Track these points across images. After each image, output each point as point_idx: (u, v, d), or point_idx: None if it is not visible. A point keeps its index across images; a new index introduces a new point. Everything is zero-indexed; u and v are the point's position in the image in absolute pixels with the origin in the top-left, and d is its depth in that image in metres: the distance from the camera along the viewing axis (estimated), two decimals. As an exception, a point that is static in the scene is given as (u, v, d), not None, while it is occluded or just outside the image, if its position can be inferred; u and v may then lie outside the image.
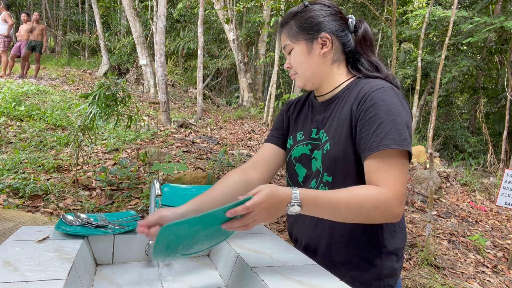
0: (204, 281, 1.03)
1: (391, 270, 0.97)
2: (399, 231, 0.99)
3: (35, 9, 16.40)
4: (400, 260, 1.00)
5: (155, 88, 9.08)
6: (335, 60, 1.01)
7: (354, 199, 0.84)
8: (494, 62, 9.93)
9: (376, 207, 0.83)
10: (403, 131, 0.85)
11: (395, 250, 0.98)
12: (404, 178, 0.85)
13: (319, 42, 0.98)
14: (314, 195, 0.84)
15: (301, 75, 1.02)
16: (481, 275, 3.20)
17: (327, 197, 0.84)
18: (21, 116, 5.30)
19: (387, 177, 0.84)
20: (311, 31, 0.98)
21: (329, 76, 1.01)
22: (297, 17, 1.00)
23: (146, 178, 3.75)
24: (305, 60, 0.99)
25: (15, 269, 0.78)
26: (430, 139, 3.88)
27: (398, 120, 0.86)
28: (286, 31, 1.02)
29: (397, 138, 0.84)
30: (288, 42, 1.01)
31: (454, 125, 10.85)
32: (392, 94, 0.90)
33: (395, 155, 0.85)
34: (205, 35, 11.95)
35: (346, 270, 0.96)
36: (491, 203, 5.83)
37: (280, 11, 4.77)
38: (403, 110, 0.89)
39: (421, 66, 3.64)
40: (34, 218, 2.05)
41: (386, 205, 0.83)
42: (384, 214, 0.83)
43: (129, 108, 3.49)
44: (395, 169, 0.84)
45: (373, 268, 0.96)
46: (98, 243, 1.07)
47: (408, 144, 0.85)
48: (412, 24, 9.78)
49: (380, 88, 0.91)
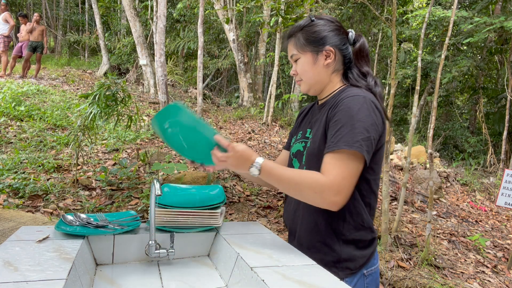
0: (204, 281, 1.03)
1: (350, 256, 1.10)
2: (367, 225, 1.11)
3: (35, 9, 16.39)
4: (363, 249, 1.12)
5: (155, 88, 9.08)
6: (335, 70, 1.15)
7: (296, 177, 1.01)
8: (494, 62, 9.92)
9: (310, 187, 0.98)
10: (358, 135, 0.99)
11: (356, 241, 1.10)
12: (346, 174, 0.98)
13: (323, 54, 1.12)
14: (271, 166, 1.03)
15: (306, 82, 1.16)
16: (481, 275, 3.20)
17: (279, 170, 1.02)
18: (21, 116, 5.30)
19: (331, 169, 0.99)
20: (317, 44, 1.12)
21: (329, 83, 1.16)
22: (304, 30, 1.13)
23: (146, 178, 3.74)
24: (310, 69, 1.13)
25: (15, 269, 0.78)
26: (430, 139, 3.88)
27: (356, 125, 1.00)
28: (294, 42, 1.15)
29: (350, 140, 0.98)
30: (295, 52, 1.15)
31: (454, 125, 10.84)
32: (361, 102, 1.03)
33: (345, 154, 0.99)
34: (205, 35, 11.96)
35: (310, 253, 1.09)
36: (491, 203, 5.83)
37: (280, 11, 4.77)
38: (366, 116, 1.01)
39: (421, 66, 3.64)
40: (34, 218, 2.05)
41: (320, 188, 0.97)
42: (317, 196, 0.98)
43: (129, 108, 3.49)
44: (340, 164, 0.99)
45: (333, 253, 1.10)
46: (98, 243, 1.07)
47: (360, 146, 0.98)
48: (412, 24, 9.78)
49: (351, 97, 1.05)
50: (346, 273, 1.10)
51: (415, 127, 3.77)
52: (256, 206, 3.71)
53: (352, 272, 1.10)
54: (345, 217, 1.08)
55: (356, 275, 1.11)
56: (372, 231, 1.13)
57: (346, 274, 1.10)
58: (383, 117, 1.07)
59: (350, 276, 1.10)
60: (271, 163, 1.04)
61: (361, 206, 1.09)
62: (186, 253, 1.18)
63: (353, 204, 1.08)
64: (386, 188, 3.29)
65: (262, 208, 3.73)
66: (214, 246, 1.20)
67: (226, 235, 1.17)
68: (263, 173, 1.03)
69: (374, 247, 1.14)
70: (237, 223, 1.34)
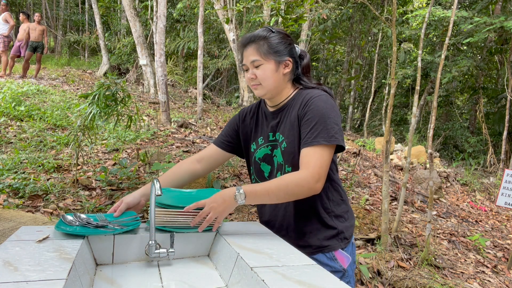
0: (204, 281, 1.03)
1: (343, 227, 1.30)
2: (344, 199, 1.34)
3: (35, 9, 16.39)
4: (349, 220, 1.33)
5: (155, 88, 9.08)
6: (289, 79, 1.31)
7: (282, 182, 1.15)
8: (494, 62, 9.92)
9: (297, 184, 1.13)
10: (331, 130, 1.16)
11: (341, 214, 1.31)
12: (323, 163, 1.15)
13: (283, 64, 1.26)
14: (253, 186, 1.16)
15: (265, 87, 1.26)
16: (481, 275, 3.20)
17: (262, 187, 1.16)
18: (21, 116, 5.30)
19: (310, 161, 1.14)
20: (279, 54, 1.25)
21: (283, 91, 1.30)
22: (267, 40, 1.25)
23: (146, 178, 3.74)
24: (272, 76, 1.25)
25: (15, 269, 0.78)
26: (430, 139, 3.88)
27: (328, 121, 1.17)
28: (256, 48, 1.24)
29: (326, 136, 1.15)
30: (258, 58, 1.24)
31: (454, 125, 10.84)
32: (326, 100, 1.21)
33: (323, 147, 1.15)
34: (205, 35, 11.95)
35: (313, 235, 1.28)
36: (491, 203, 5.83)
37: (280, 11, 4.77)
38: (332, 112, 1.19)
39: (421, 66, 3.64)
40: (34, 218, 2.05)
41: (304, 181, 1.13)
42: (304, 188, 1.13)
43: (129, 108, 3.48)
44: (318, 156, 1.15)
45: (331, 228, 1.28)
46: (98, 243, 1.07)
47: (336, 139, 1.16)
48: (412, 24, 9.78)
49: (317, 97, 1.21)
50: (345, 243, 1.29)
51: (415, 127, 3.77)
52: (256, 206, 3.71)
53: (348, 242, 1.30)
54: (328, 196, 1.29)
55: (349, 244, 1.31)
56: (346, 203, 1.35)
57: (345, 243, 1.29)
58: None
59: (347, 245, 1.30)
60: (249, 185, 1.17)
61: (335, 185, 1.31)
62: (186, 253, 1.18)
63: (331, 184, 1.29)
64: (386, 188, 3.29)
65: (262, 208, 3.73)
66: (214, 246, 1.20)
67: (226, 235, 1.17)
68: (249, 195, 1.14)
69: (353, 217, 1.37)
70: (237, 223, 1.34)
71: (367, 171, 5.94)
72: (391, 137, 6.06)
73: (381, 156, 7.10)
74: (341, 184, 1.36)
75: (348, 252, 1.30)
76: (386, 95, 10.63)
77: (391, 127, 6.60)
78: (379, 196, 4.85)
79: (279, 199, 1.16)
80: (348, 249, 1.31)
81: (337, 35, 9.51)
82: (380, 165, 6.39)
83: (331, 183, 1.29)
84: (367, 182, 5.42)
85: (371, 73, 12.28)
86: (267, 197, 1.15)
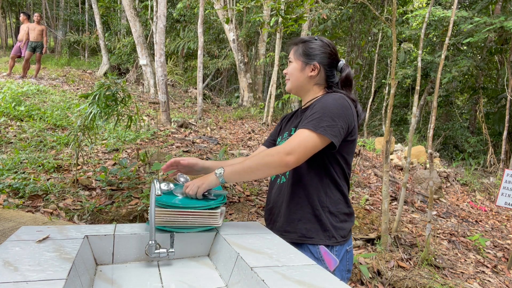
0: (204, 281, 1.03)
1: (334, 226, 1.31)
2: (344, 201, 1.35)
3: (35, 9, 16.38)
4: (343, 222, 1.34)
5: (155, 88, 9.08)
6: (317, 83, 1.39)
7: (256, 155, 1.23)
8: (494, 62, 9.92)
9: (268, 154, 1.19)
10: (324, 122, 1.20)
11: (337, 214, 1.32)
12: (302, 142, 1.18)
13: (310, 67, 1.37)
14: (230, 162, 1.32)
15: (291, 83, 1.42)
16: (481, 275, 3.20)
17: (240, 163, 1.23)
18: (21, 116, 5.30)
19: (290, 139, 1.20)
20: (308, 57, 1.37)
21: (309, 92, 1.40)
22: (304, 44, 1.38)
23: (146, 178, 3.74)
24: (296, 74, 1.39)
25: (15, 269, 0.78)
26: (430, 139, 3.88)
27: (326, 114, 1.21)
28: (295, 49, 1.40)
29: (316, 124, 1.20)
30: (292, 57, 1.40)
31: (454, 125, 10.84)
32: (337, 98, 1.26)
33: (308, 132, 1.19)
34: (205, 35, 11.95)
35: (302, 224, 1.31)
36: (491, 203, 5.83)
37: (280, 11, 4.77)
38: (337, 109, 1.23)
39: (421, 66, 3.64)
40: (34, 218, 2.05)
41: (275, 151, 1.18)
42: (274, 157, 1.17)
43: (129, 108, 3.48)
44: (299, 136, 1.19)
45: (321, 222, 1.30)
46: (98, 243, 1.07)
47: (324, 131, 1.19)
48: (412, 24, 9.78)
49: (331, 95, 1.28)
50: (333, 242, 1.30)
51: (415, 127, 3.77)
52: (256, 206, 3.71)
53: (338, 242, 1.30)
54: (327, 192, 1.31)
55: (342, 248, 1.32)
56: (349, 206, 1.36)
57: (333, 242, 1.30)
58: (355, 117, 1.29)
59: (337, 245, 1.31)
60: (230, 165, 1.25)
61: (338, 185, 1.32)
62: (186, 253, 1.18)
63: (332, 182, 1.31)
64: (386, 188, 3.29)
65: (262, 208, 3.73)
66: (214, 246, 1.20)
67: (226, 235, 1.17)
68: (227, 169, 1.22)
69: (352, 222, 1.37)
70: (237, 223, 1.34)
71: (367, 171, 5.94)
72: (391, 137, 6.06)
73: (381, 156, 7.10)
74: (347, 190, 1.37)
75: (338, 255, 1.31)
76: (386, 95, 10.63)
77: (391, 127, 6.60)
78: (379, 196, 4.85)
79: (253, 171, 1.20)
80: (339, 252, 1.31)
81: (337, 35, 9.52)
82: (380, 165, 6.39)
83: (333, 182, 1.32)
84: (367, 182, 5.42)
85: (371, 73, 12.27)
86: (242, 170, 1.21)
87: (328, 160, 1.30)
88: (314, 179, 1.31)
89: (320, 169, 1.31)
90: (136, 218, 2.99)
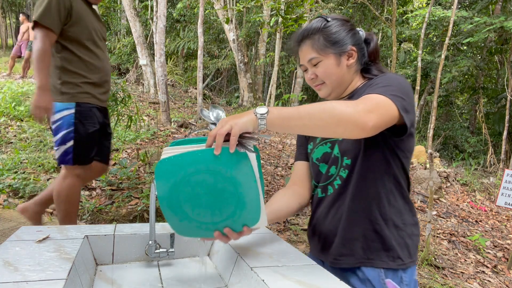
0: (204, 281, 1.03)
1: (399, 242, 1.06)
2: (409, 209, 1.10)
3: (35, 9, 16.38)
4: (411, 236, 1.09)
5: (155, 88, 9.08)
6: (357, 69, 1.13)
7: (320, 102, 0.90)
8: (494, 62, 9.92)
9: (341, 104, 0.87)
10: (393, 90, 0.94)
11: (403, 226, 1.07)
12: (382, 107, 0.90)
13: (346, 55, 1.08)
14: (281, 108, 0.90)
15: (329, 85, 1.10)
16: (481, 275, 3.20)
17: (294, 107, 0.88)
18: (21, 116, 5.30)
19: (366, 100, 0.91)
20: (339, 45, 1.07)
21: (349, 85, 1.13)
22: (323, 32, 1.08)
23: (146, 178, 3.74)
24: (335, 72, 1.08)
25: (15, 269, 0.78)
26: (430, 139, 3.88)
27: (394, 84, 0.97)
28: (311, 44, 1.08)
29: (384, 91, 0.93)
30: (315, 55, 1.08)
31: (454, 125, 10.84)
32: (397, 76, 1.02)
33: (386, 99, 0.92)
34: (205, 35, 11.95)
35: (358, 243, 1.06)
36: (491, 203, 5.83)
37: (280, 11, 4.77)
38: (402, 83, 0.98)
39: (421, 66, 3.64)
40: (34, 218, 2.04)
41: (352, 104, 0.87)
42: (350, 111, 0.85)
43: (129, 108, 3.49)
44: (379, 100, 0.91)
45: (383, 239, 1.05)
46: (98, 243, 1.07)
47: (393, 97, 0.92)
48: (412, 24, 9.78)
49: (388, 73, 1.07)
50: (398, 264, 1.04)
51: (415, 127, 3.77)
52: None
53: (404, 264, 1.04)
54: (390, 199, 1.05)
55: (408, 271, 1.05)
56: (413, 215, 1.10)
57: (398, 265, 1.04)
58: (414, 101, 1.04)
59: (402, 271, 1.04)
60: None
61: (402, 189, 1.08)
62: (186, 253, 1.18)
63: (396, 187, 1.06)
64: (386, 188, 3.28)
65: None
66: (214, 246, 1.20)
67: (226, 235, 1.17)
68: (273, 113, 0.86)
69: (419, 235, 1.12)
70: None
71: (367, 171, 5.93)
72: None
73: (381, 156, 7.09)
74: (408, 195, 1.12)
75: (409, 284, 1.04)
76: (386, 95, 10.63)
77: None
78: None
79: (313, 120, 0.86)
80: (405, 277, 1.04)
81: (337, 35, 9.48)
82: (380, 165, 6.38)
83: (396, 186, 1.07)
84: (367, 182, 5.42)
85: (371, 73, 12.26)
86: (297, 116, 0.86)
87: (391, 156, 1.04)
88: (376, 183, 1.04)
89: (381, 169, 1.04)
90: (136, 218, 2.99)
